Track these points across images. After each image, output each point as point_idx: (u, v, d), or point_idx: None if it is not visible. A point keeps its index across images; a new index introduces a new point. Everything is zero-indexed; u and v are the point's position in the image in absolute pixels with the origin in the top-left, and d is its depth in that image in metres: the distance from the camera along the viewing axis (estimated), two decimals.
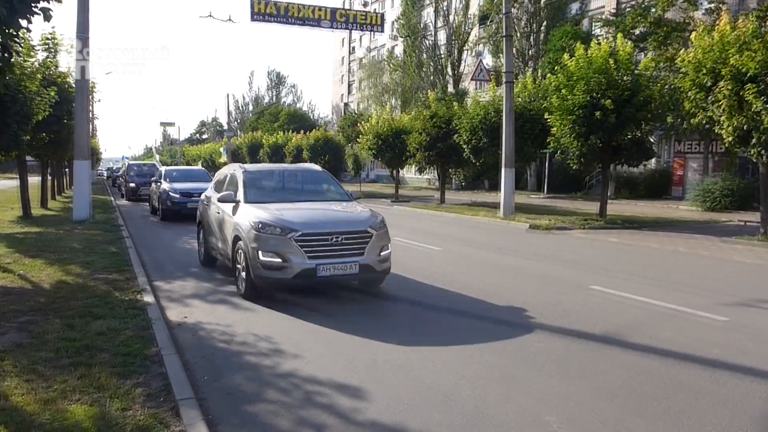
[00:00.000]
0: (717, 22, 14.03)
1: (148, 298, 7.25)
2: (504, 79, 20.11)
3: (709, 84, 13.20)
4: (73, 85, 16.24)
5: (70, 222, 15.57)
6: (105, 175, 69.27)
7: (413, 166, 31.38)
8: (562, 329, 6.50)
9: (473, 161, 24.30)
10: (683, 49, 15.86)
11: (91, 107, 25.45)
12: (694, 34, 14.17)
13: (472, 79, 35.78)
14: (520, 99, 22.32)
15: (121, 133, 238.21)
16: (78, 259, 9.74)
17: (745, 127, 12.72)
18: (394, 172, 32.33)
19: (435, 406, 4.41)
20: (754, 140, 12.76)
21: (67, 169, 34.49)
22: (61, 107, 16.10)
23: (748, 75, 12.33)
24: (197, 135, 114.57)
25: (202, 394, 4.57)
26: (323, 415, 4.25)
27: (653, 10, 29.14)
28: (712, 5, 27.46)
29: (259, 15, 20.26)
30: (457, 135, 23.75)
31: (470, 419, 4.21)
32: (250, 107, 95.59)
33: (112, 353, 5.15)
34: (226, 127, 74.91)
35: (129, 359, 5.02)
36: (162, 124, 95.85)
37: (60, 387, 4.36)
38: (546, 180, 35.86)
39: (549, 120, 18.13)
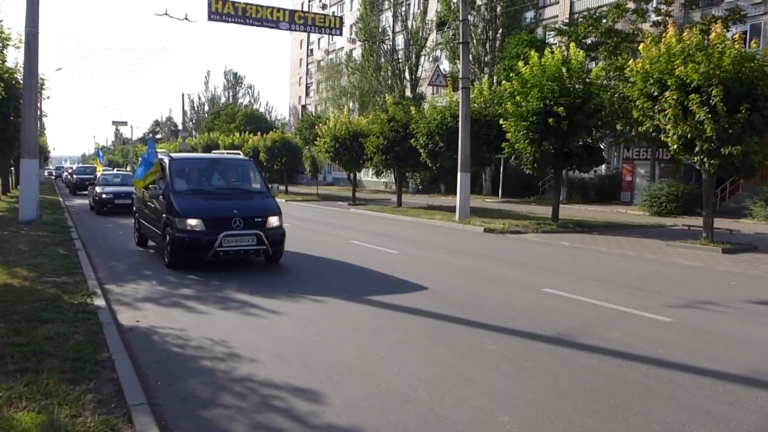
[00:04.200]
0: (664, 34, 14.55)
1: (99, 302, 7.08)
2: (460, 85, 20.38)
3: (656, 93, 13.66)
4: (21, 81, 15.70)
5: (16, 223, 15.02)
6: (54, 174, 67.13)
7: (371, 170, 31.43)
8: (516, 330, 6.65)
9: (430, 165, 24.53)
10: (632, 59, 16.39)
11: (39, 104, 24.66)
12: (642, 45, 14.65)
13: (429, 84, 36.08)
14: (476, 104, 22.66)
15: (71, 131, 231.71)
16: (25, 262, 9.43)
17: (689, 136, 13.22)
18: (352, 175, 32.34)
19: (391, 408, 4.46)
20: (697, 148, 13.27)
21: (13, 168, 33.18)
22: (8, 104, 15.62)
23: (692, 86, 12.83)
24: (151, 135, 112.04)
25: (155, 399, 4.49)
26: (280, 419, 4.24)
27: (604, 20, 30.03)
28: (659, 18, 28.50)
29: (216, 14, 19.98)
30: (415, 139, 23.93)
31: (426, 420, 4.27)
32: (206, 107, 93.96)
33: (61, 358, 5.01)
34: (181, 127, 73.54)
35: (79, 364, 4.90)
36: (114, 123, 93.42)
37: (5, 394, 4.22)
38: (501, 184, 36.45)
39: (504, 125, 18.46)
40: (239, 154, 13.66)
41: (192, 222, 9.67)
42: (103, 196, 20.12)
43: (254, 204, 10.47)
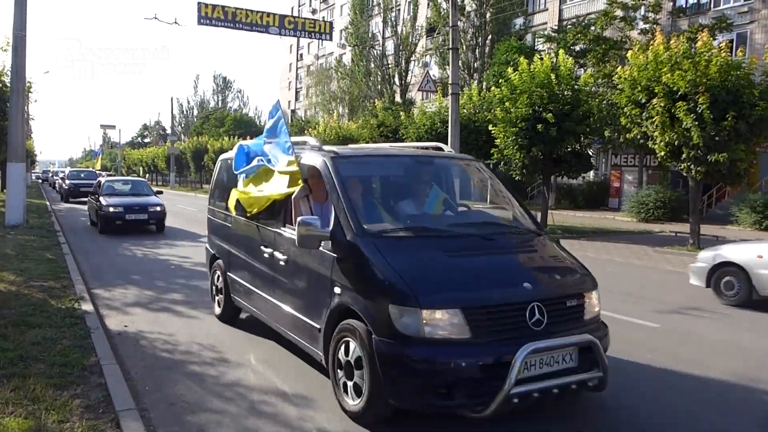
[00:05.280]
0: (651, 42, 14.70)
1: (87, 307, 7.03)
2: (450, 91, 20.44)
3: (643, 101, 13.80)
4: (8, 85, 15.58)
5: (2, 227, 14.86)
6: (41, 178, 66.62)
7: None
8: None
9: None
10: (620, 66, 16.54)
11: (27, 108, 24.45)
12: (630, 52, 14.80)
13: (419, 90, 36.07)
14: (465, 110, 22.74)
15: (58, 135, 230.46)
16: (11, 266, 9.33)
17: (676, 143, 13.36)
18: None
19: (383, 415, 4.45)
20: (684, 155, 13.42)
21: None
22: None
23: (680, 93, 12.98)
24: (139, 138, 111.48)
25: (143, 404, 4.47)
26: (269, 424, 4.23)
27: (593, 27, 30.28)
28: (647, 26, 28.79)
29: (206, 19, 19.90)
30: None
31: (418, 428, 4.27)
32: (195, 111, 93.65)
33: (48, 364, 4.97)
34: (169, 131, 73.22)
35: (66, 370, 4.86)
36: (102, 126, 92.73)
37: None
38: None
39: (493, 131, 18.54)
40: (449, 150, 6.66)
41: (443, 317, 3.88)
42: (110, 209, 15.73)
43: (543, 263, 4.77)
